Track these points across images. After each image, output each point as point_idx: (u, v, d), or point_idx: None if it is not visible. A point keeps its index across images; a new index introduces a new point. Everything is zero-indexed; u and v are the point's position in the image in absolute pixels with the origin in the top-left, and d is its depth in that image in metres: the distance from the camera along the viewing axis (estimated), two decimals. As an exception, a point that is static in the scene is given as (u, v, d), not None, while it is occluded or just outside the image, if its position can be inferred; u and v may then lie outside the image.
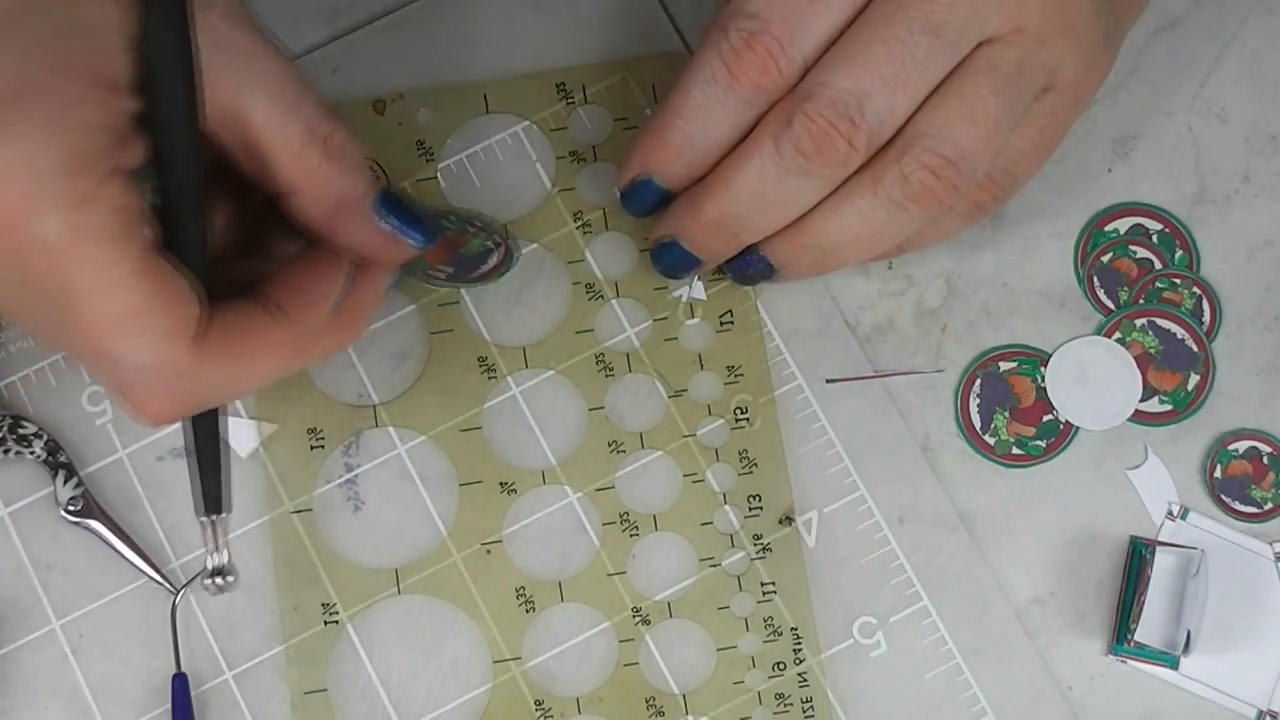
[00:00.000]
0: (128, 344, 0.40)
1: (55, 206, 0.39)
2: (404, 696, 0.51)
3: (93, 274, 0.39)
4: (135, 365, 0.41)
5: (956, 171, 0.46)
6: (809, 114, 0.46)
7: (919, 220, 0.48)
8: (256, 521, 0.52)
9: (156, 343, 0.41)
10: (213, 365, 0.42)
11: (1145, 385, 0.54)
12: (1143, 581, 0.51)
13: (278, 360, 0.44)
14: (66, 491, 0.51)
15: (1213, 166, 0.56)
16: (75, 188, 0.39)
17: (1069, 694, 0.52)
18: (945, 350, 0.54)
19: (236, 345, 0.42)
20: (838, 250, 0.49)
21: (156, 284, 0.40)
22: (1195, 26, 0.57)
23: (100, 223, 0.39)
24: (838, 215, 0.48)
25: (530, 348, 0.53)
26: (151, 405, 0.42)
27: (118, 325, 0.40)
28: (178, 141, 0.42)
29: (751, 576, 0.52)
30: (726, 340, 0.54)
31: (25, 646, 0.51)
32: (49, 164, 0.39)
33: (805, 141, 0.46)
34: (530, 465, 0.52)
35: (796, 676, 0.51)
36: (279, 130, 0.44)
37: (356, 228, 0.46)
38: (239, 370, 0.43)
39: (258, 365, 0.43)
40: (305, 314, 0.45)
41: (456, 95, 0.55)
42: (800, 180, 0.47)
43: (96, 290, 0.40)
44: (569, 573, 0.52)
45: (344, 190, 0.45)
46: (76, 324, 0.40)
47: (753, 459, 0.53)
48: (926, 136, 0.46)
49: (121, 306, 0.40)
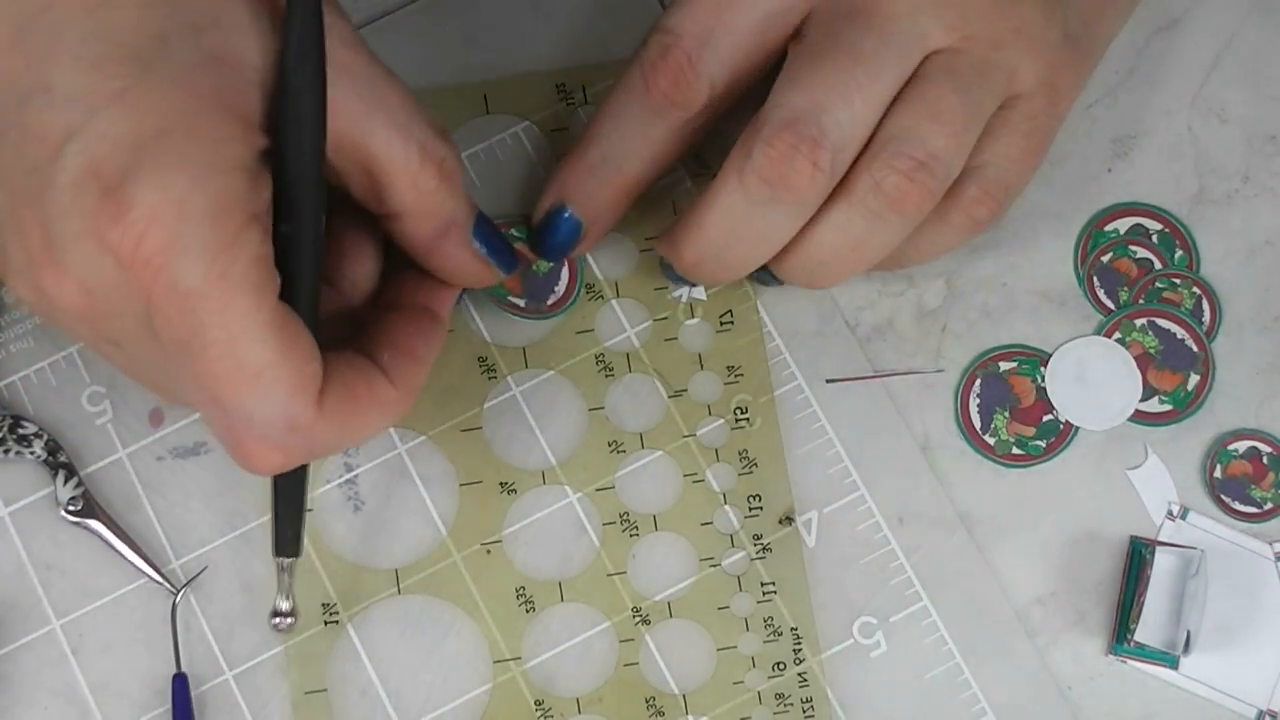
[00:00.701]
0: (255, 399, 0.40)
1: (201, 253, 0.38)
2: (404, 696, 0.51)
3: (229, 324, 0.39)
4: (260, 420, 0.40)
5: (929, 173, 0.46)
6: (768, 139, 0.46)
7: (899, 228, 0.47)
8: (256, 522, 0.52)
9: (284, 399, 0.40)
10: (331, 423, 0.41)
11: (1145, 385, 0.54)
12: (1143, 581, 0.51)
13: (385, 419, 0.44)
14: (66, 491, 0.51)
15: (1213, 166, 0.56)
16: (221, 234, 0.38)
17: (1069, 694, 0.52)
18: (945, 350, 0.54)
19: (353, 404, 0.42)
20: (823, 269, 0.49)
21: (288, 338, 0.40)
22: (1195, 26, 0.57)
23: (242, 270, 0.39)
24: (816, 232, 0.48)
25: (530, 348, 0.53)
26: (264, 459, 0.42)
27: (249, 380, 0.39)
28: (304, 179, 0.41)
29: (751, 576, 0.52)
30: (726, 340, 0.54)
31: (25, 646, 0.51)
32: (195, 209, 0.38)
33: (768, 168, 0.46)
34: (530, 465, 0.52)
35: (796, 676, 0.51)
36: (397, 153, 0.44)
37: (458, 250, 0.47)
38: (352, 428, 0.42)
39: (368, 424, 0.43)
40: (412, 373, 0.45)
41: (456, 95, 0.55)
42: (771, 211, 0.47)
43: (230, 341, 0.39)
44: (569, 573, 0.52)
45: (452, 213, 0.46)
46: (203, 374, 0.39)
47: (753, 459, 0.53)
48: (894, 140, 0.46)
49: (255, 360, 0.39)
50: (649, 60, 0.48)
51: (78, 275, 0.39)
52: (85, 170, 0.38)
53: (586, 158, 0.50)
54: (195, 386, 0.40)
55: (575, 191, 0.51)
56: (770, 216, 0.47)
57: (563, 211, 0.51)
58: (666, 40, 0.48)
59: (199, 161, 0.38)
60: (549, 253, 0.52)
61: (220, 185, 0.38)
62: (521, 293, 0.53)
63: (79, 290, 0.39)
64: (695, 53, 0.48)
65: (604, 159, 0.50)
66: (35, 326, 0.53)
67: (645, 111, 0.49)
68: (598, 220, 0.51)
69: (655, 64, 0.48)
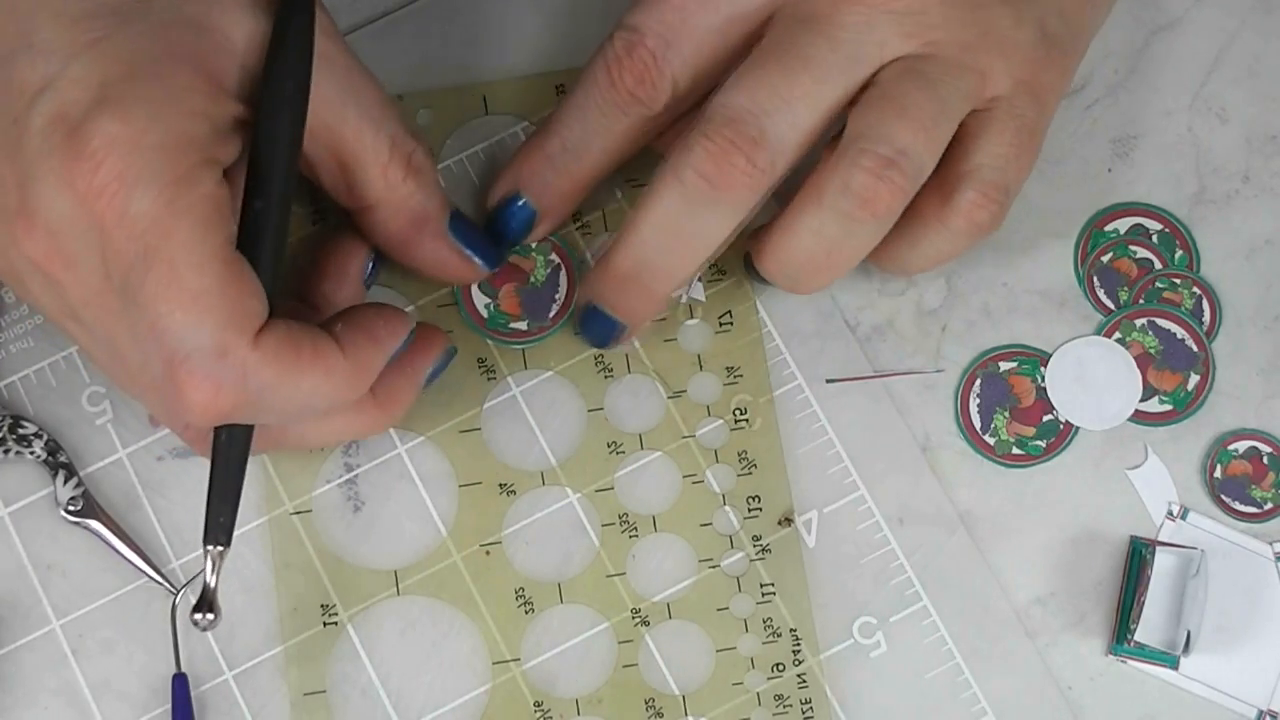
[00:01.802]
0: (191, 320, 0.41)
1: (152, 182, 0.40)
2: (403, 697, 0.51)
3: (173, 249, 0.40)
4: (193, 345, 0.41)
5: (898, 170, 0.45)
6: (708, 134, 0.46)
7: (873, 229, 0.47)
8: (256, 522, 0.52)
9: (219, 326, 0.41)
10: (266, 366, 0.42)
11: (1145, 385, 0.54)
12: (1143, 581, 0.51)
13: (331, 388, 0.44)
14: (66, 491, 0.51)
15: (1213, 166, 0.56)
16: (174, 167, 0.40)
17: (1069, 694, 0.52)
18: (945, 350, 0.54)
19: (293, 355, 0.43)
20: (803, 274, 0.49)
21: (231, 273, 0.41)
22: (1195, 26, 0.57)
23: (190, 203, 0.40)
24: (793, 237, 0.48)
25: (529, 349, 0.53)
26: (198, 390, 0.42)
27: (187, 300, 0.41)
28: (280, 153, 0.43)
29: (751, 577, 0.52)
30: (725, 341, 0.54)
31: (25, 646, 0.51)
32: (151, 141, 0.40)
33: (706, 164, 0.46)
34: (530, 466, 0.52)
35: (796, 678, 0.51)
36: (369, 144, 0.46)
37: (433, 244, 0.49)
38: (289, 381, 0.43)
39: (310, 383, 0.43)
40: (368, 352, 0.45)
41: (456, 96, 0.55)
42: (708, 211, 0.47)
43: (173, 265, 0.40)
44: (568, 573, 0.52)
45: (423, 206, 0.48)
46: (145, 296, 0.41)
47: (752, 460, 0.53)
48: (861, 139, 0.46)
49: (194, 284, 0.40)
50: (614, 56, 0.48)
51: (44, 218, 0.41)
52: (55, 115, 0.40)
53: (546, 147, 0.50)
54: (138, 313, 0.41)
55: (532, 179, 0.51)
56: (706, 216, 0.47)
57: (517, 199, 0.51)
58: (631, 38, 0.48)
59: (160, 99, 0.41)
60: (501, 240, 0.52)
61: (178, 124, 0.41)
62: (521, 314, 0.53)
63: (45, 234, 0.41)
64: (660, 52, 0.48)
65: (564, 149, 0.50)
66: (35, 326, 0.53)
67: (608, 106, 0.49)
68: (551, 210, 0.51)
69: (620, 60, 0.48)
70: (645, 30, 0.48)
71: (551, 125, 0.51)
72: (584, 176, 0.51)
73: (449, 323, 0.53)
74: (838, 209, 0.46)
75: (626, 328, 0.51)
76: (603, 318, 0.51)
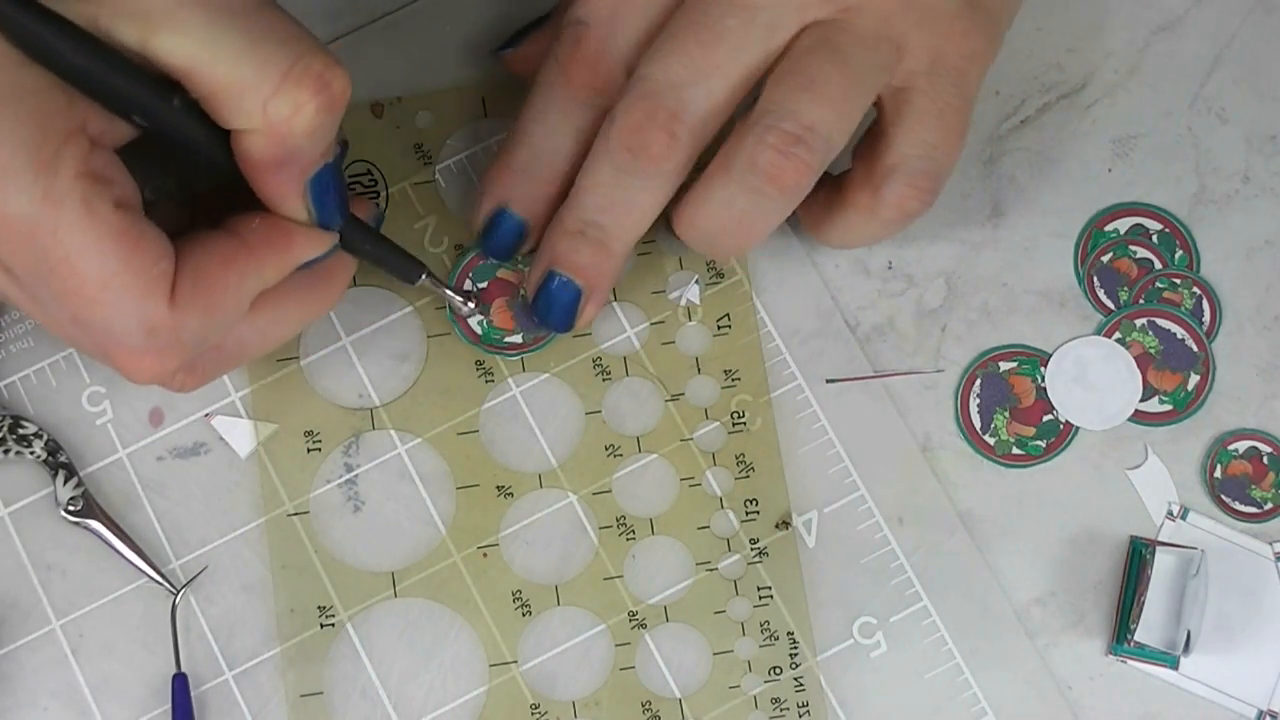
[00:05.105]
0: (107, 310, 0.41)
1: (22, 176, 0.39)
2: (402, 698, 0.51)
3: (64, 242, 0.40)
4: (119, 330, 0.41)
5: (806, 147, 0.45)
6: (627, 107, 0.46)
7: (782, 203, 0.47)
8: (255, 522, 0.52)
9: (136, 304, 0.41)
10: (192, 314, 0.42)
11: (1145, 385, 0.54)
12: (1143, 581, 0.51)
13: (243, 281, 0.44)
14: (66, 491, 0.51)
15: (1213, 166, 0.56)
16: (39, 154, 0.39)
17: (1069, 694, 0.52)
18: (945, 350, 0.54)
19: (206, 285, 0.43)
20: (718, 240, 0.49)
21: (129, 244, 0.41)
22: (1195, 26, 0.57)
23: (66, 187, 0.40)
24: (704, 206, 0.48)
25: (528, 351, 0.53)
26: (141, 366, 0.43)
27: (97, 292, 0.41)
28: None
29: (748, 580, 0.52)
30: (724, 343, 0.53)
31: (25, 646, 0.51)
32: (14, 135, 0.39)
33: (626, 135, 0.46)
34: (528, 468, 0.52)
35: (793, 681, 0.51)
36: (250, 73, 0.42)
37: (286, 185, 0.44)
38: (216, 310, 0.43)
39: (228, 295, 0.44)
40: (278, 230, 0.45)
41: (455, 98, 0.55)
42: (635, 180, 0.47)
43: (70, 259, 0.40)
44: (566, 575, 0.52)
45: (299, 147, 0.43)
46: (59, 293, 0.41)
47: (750, 463, 0.53)
48: (768, 114, 0.45)
49: (97, 273, 0.40)
50: (563, 53, 0.49)
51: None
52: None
53: (515, 160, 0.50)
54: (61, 309, 0.41)
55: (510, 193, 0.51)
56: (632, 184, 0.47)
57: (504, 212, 0.51)
58: (577, 31, 0.48)
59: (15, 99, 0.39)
60: (499, 254, 0.52)
61: (30, 107, 0.40)
62: (515, 327, 0.53)
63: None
64: (606, 38, 0.48)
65: (534, 157, 0.50)
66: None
67: (568, 103, 0.49)
68: (539, 218, 0.51)
69: (570, 54, 0.48)
70: (589, 20, 0.48)
71: (516, 137, 0.50)
72: (559, 179, 0.50)
73: (449, 325, 0.53)
74: (745, 183, 0.46)
75: (584, 292, 0.50)
76: (562, 285, 0.50)
